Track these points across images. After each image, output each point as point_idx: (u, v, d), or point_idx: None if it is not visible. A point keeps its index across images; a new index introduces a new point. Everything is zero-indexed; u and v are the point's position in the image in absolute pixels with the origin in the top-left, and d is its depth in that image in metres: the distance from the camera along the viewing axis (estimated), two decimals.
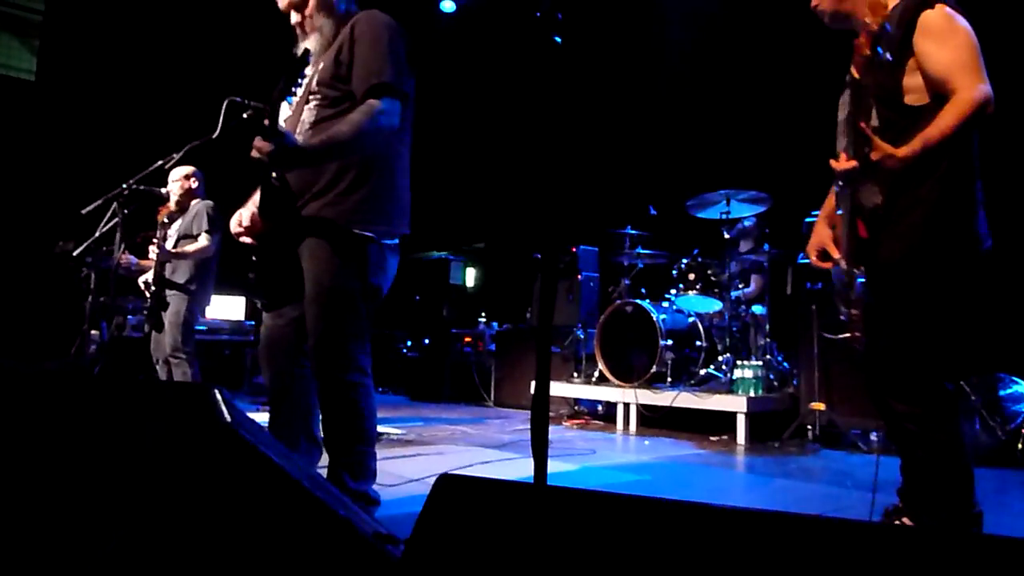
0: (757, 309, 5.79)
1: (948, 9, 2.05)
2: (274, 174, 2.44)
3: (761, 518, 0.86)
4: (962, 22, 2.06)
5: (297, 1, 2.55)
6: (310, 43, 2.56)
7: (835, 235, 2.36)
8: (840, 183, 2.23)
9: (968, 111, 1.97)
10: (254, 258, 2.50)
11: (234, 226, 2.54)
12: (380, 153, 2.46)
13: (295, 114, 2.54)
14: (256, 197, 2.52)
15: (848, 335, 2.36)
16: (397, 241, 2.59)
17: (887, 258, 2.19)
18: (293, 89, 2.35)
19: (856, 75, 2.27)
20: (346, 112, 2.40)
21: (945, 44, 2.01)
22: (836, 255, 2.32)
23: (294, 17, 2.58)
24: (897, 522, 2.41)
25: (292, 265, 2.47)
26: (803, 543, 0.81)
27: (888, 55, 2.03)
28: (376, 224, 2.46)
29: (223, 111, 3.18)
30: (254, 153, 2.23)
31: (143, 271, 4.83)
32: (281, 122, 2.51)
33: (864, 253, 2.22)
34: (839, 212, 2.26)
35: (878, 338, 2.27)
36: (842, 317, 2.40)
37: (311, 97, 2.50)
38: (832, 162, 2.15)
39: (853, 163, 2.08)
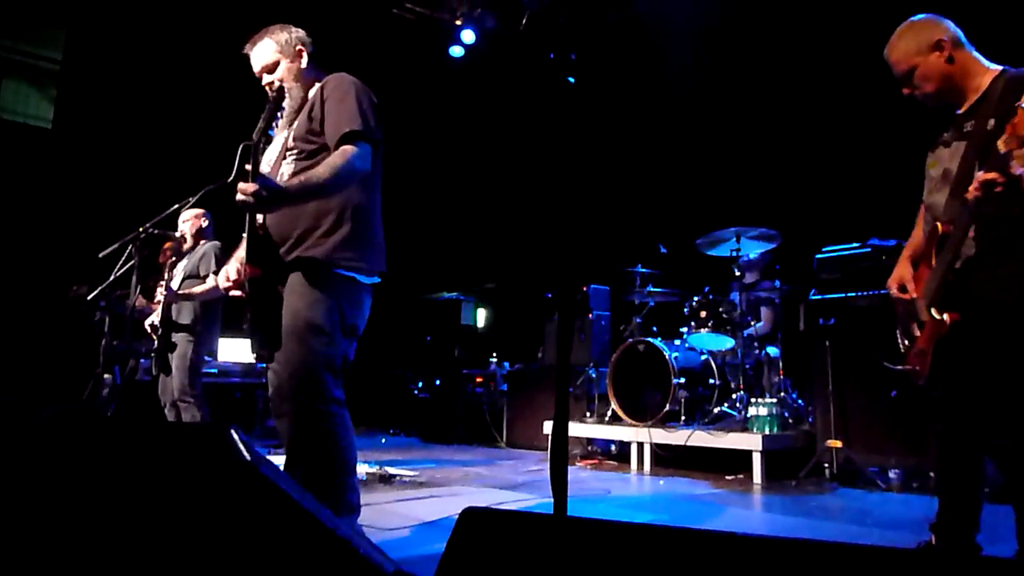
0: (771, 351, 5.76)
1: None
2: (259, 221, 2.59)
3: (786, 546, 0.85)
4: None
5: (269, 66, 2.80)
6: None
7: (917, 274, 2.55)
8: (961, 216, 2.34)
9: None
10: (247, 308, 2.61)
11: (222, 281, 2.72)
12: (355, 199, 2.64)
13: (274, 169, 2.72)
14: (240, 252, 2.70)
15: (908, 367, 2.56)
16: (376, 280, 2.73)
17: (986, 301, 2.33)
18: (274, 124, 2.64)
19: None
20: (322, 161, 2.59)
21: None
22: (913, 292, 2.52)
23: (266, 79, 2.82)
24: None
25: (280, 309, 2.60)
26: (828, 571, 0.80)
27: (992, 120, 2.27)
28: (354, 263, 2.61)
29: (238, 155, 3.23)
30: (239, 196, 2.35)
31: (150, 313, 4.86)
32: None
33: (954, 299, 2.38)
34: (937, 255, 2.41)
35: (976, 378, 2.40)
36: (902, 349, 2.62)
37: (288, 153, 2.71)
38: (982, 174, 2.15)
39: (995, 175, 2.09)
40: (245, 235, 2.57)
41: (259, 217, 2.60)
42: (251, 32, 2.86)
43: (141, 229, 4.13)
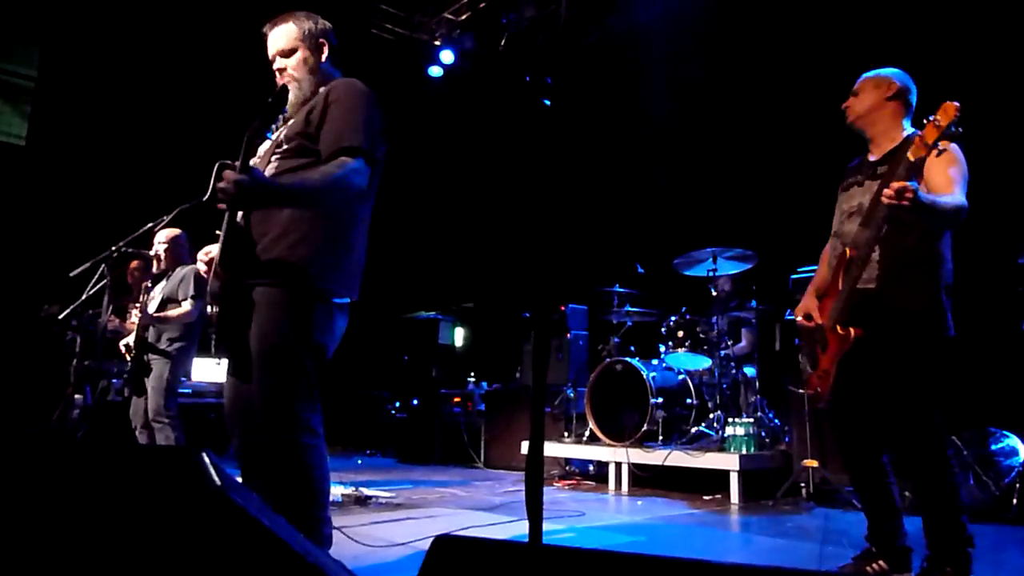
0: (748, 371, 5.78)
1: (955, 145, 2.65)
2: (239, 216, 2.42)
3: (760, 574, 0.85)
4: (961, 156, 2.67)
5: (286, 49, 2.61)
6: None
7: (821, 305, 2.84)
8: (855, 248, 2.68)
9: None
10: (215, 308, 2.44)
11: (202, 256, 2.61)
12: (339, 213, 2.48)
13: (261, 164, 2.54)
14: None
15: (811, 390, 2.84)
16: (347, 301, 2.55)
17: (888, 325, 2.64)
18: (272, 127, 2.43)
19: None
20: (310, 166, 2.43)
21: (953, 164, 2.63)
22: (818, 319, 2.81)
23: (278, 63, 2.63)
24: (874, 566, 2.77)
25: (248, 317, 2.41)
26: None
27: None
28: (326, 281, 2.44)
29: (213, 174, 3.20)
30: (222, 184, 2.20)
31: (125, 334, 4.76)
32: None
33: (858, 316, 2.67)
34: (845, 277, 2.69)
35: (880, 395, 2.68)
36: (804, 376, 2.91)
37: (277, 150, 2.52)
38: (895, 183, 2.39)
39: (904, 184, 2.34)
40: (223, 230, 2.40)
41: (239, 215, 2.43)
42: (261, 23, 2.66)
43: (113, 248, 4.08)
